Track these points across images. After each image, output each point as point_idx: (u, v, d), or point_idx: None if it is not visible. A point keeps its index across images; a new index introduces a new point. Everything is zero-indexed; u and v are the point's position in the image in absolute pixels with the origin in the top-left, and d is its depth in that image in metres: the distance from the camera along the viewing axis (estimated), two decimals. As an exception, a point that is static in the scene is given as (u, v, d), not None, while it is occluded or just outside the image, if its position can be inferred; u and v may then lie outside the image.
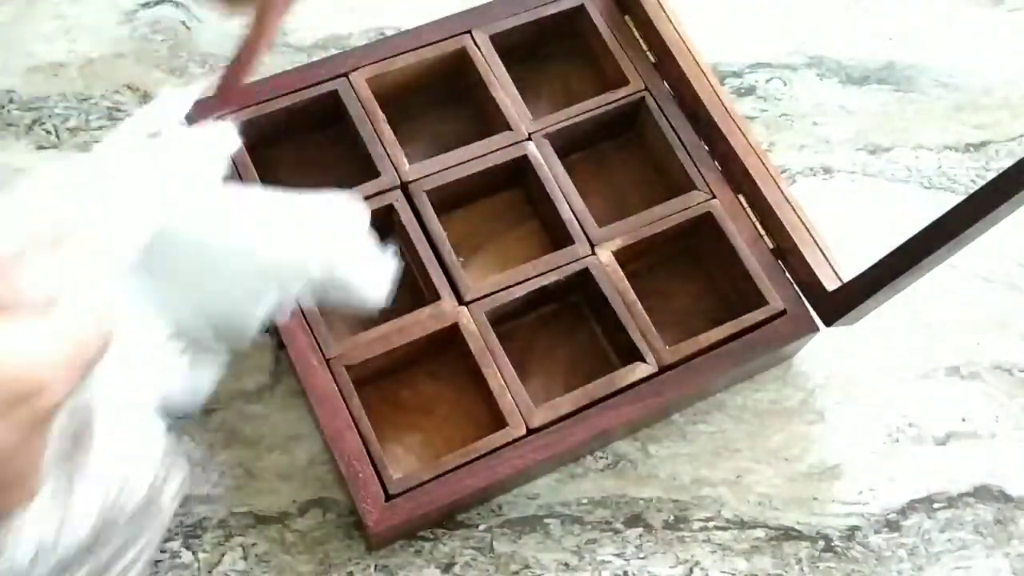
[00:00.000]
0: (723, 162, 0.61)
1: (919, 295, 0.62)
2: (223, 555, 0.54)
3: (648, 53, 0.64)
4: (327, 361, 0.53)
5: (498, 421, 0.53)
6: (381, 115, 0.59)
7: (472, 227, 0.61)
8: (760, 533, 0.57)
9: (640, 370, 0.55)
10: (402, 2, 0.69)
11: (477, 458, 0.52)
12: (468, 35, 0.62)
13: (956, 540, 0.58)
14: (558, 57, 0.66)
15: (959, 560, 0.57)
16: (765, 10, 0.72)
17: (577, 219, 0.58)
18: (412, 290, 0.59)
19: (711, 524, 0.57)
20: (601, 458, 0.58)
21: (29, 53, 0.65)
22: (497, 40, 0.62)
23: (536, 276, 0.57)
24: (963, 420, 0.61)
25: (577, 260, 0.57)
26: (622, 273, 0.57)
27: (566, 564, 0.55)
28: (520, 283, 0.56)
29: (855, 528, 0.58)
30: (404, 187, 0.58)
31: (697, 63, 0.62)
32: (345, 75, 0.60)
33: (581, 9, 0.64)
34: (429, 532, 0.55)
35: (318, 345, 0.54)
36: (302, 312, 0.54)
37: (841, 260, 0.58)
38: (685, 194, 0.60)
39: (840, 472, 0.59)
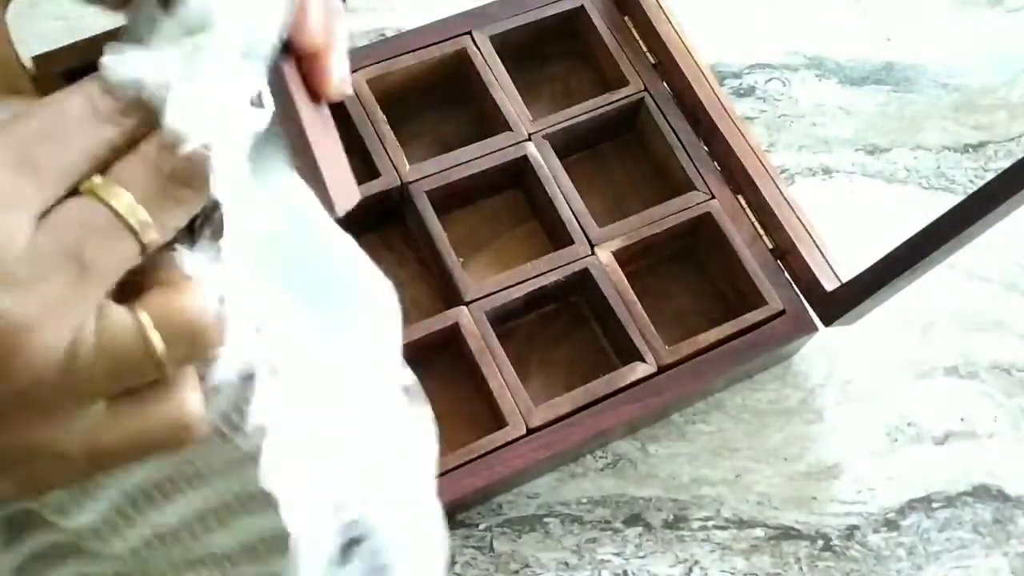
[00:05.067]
0: (722, 163, 0.61)
1: (918, 295, 0.62)
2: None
3: (648, 54, 0.64)
4: (328, 361, 0.53)
5: (498, 421, 0.54)
6: (381, 116, 0.59)
7: (472, 227, 0.61)
8: (759, 532, 0.57)
9: (639, 370, 0.55)
10: (402, 3, 0.69)
11: (477, 458, 0.52)
12: (468, 36, 0.62)
13: (955, 539, 0.58)
14: (558, 58, 0.66)
15: (958, 559, 0.58)
16: (764, 11, 0.73)
17: (577, 219, 0.58)
18: (411, 288, 0.59)
19: (710, 523, 0.57)
20: (601, 458, 0.58)
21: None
22: (497, 41, 0.62)
23: (536, 276, 0.57)
24: (962, 420, 0.61)
25: (577, 260, 0.57)
26: (622, 273, 0.57)
27: (566, 563, 0.55)
28: (520, 283, 0.56)
29: (854, 527, 0.58)
30: (404, 187, 0.58)
31: (696, 64, 0.62)
32: (345, 76, 0.60)
33: (581, 10, 0.64)
34: (429, 531, 0.55)
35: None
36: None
37: (840, 260, 0.58)
38: (684, 194, 0.60)
39: (839, 471, 0.59)
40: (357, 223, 0.62)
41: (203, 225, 0.28)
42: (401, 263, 0.60)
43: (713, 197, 0.60)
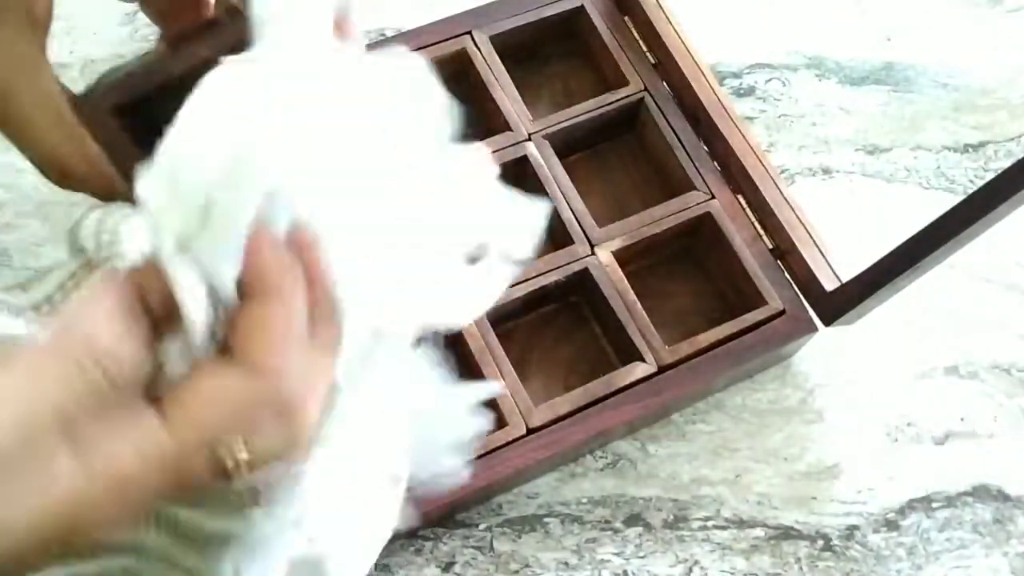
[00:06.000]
0: (722, 162, 0.61)
1: (917, 295, 0.62)
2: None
3: (648, 54, 0.64)
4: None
5: (498, 421, 0.54)
6: (381, 116, 0.59)
7: (472, 227, 0.61)
8: (759, 532, 0.57)
9: (639, 370, 0.55)
10: (402, 2, 0.69)
11: (477, 458, 0.52)
12: (468, 36, 0.62)
13: (955, 539, 0.58)
14: (558, 58, 0.66)
15: (958, 559, 0.58)
16: (764, 11, 0.73)
17: (577, 219, 0.58)
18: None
19: (710, 523, 0.57)
20: (601, 457, 0.58)
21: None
22: (497, 41, 0.62)
23: (536, 276, 0.57)
24: (962, 420, 0.61)
25: (577, 260, 0.57)
26: (622, 273, 0.57)
27: (566, 563, 0.55)
28: (520, 283, 0.57)
29: (854, 527, 0.58)
30: (404, 187, 0.58)
31: (696, 64, 0.62)
32: (345, 76, 0.60)
33: (581, 10, 0.64)
34: (429, 531, 0.55)
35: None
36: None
37: (840, 260, 0.58)
38: (684, 194, 0.60)
39: (839, 471, 0.59)
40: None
41: None
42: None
43: (713, 197, 0.60)
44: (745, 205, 0.60)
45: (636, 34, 0.64)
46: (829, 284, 0.57)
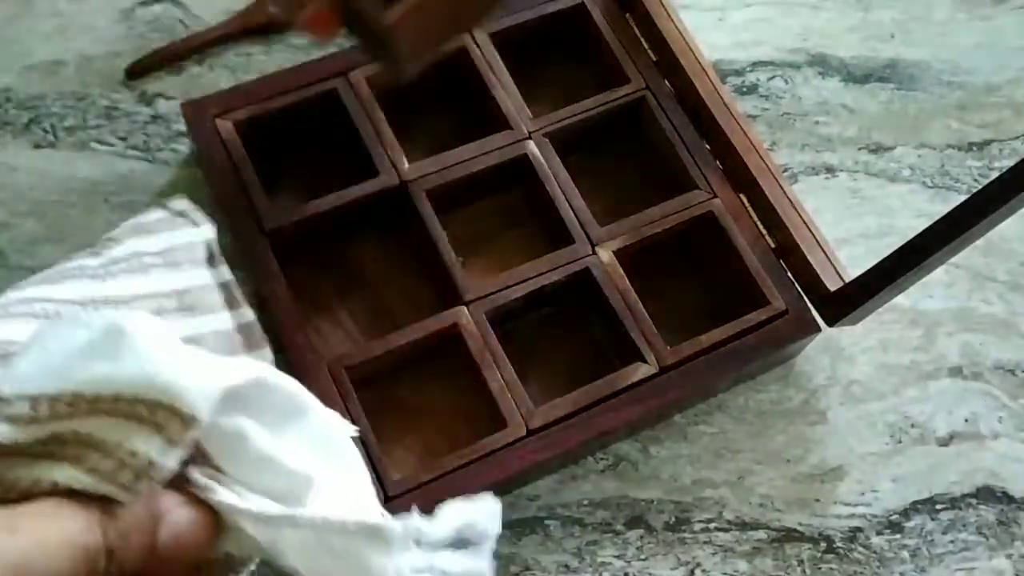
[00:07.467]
0: (724, 161, 0.61)
1: (921, 295, 0.62)
2: (221, 557, 0.53)
3: (649, 51, 0.64)
4: (327, 362, 0.53)
5: (498, 422, 0.53)
6: (381, 114, 0.59)
7: (472, 227, 0.61)
8: (762, 534, 0.57)
9: (641, 371, 0.54)
10: (402, 0, 0.69)
11: (477, 459, 0.52)
12: (468, 34, 0.62)
13: (959, 541, 0.58)
14: (558, 56, 0.66)
15: (962, 561, 0.57)
16: (767, 8, 0.72)
17: (577, 219, 0.58)
18: (411, 288, 0.58)
19: (712, 525, 0.57)
20: (602, 459, 0.58)
21: (26, 51, 0.64)
22: (497, 39, 0.62)
23: (536, 276, 0.56)
24: (966, 421, 0.61)
25: (577, 260, 0.57)
26: (623, 273, 0.57)
27: (567, 566, 0.55)
28: (520, 283, 0.56)
29: (857, 529, 0.57)
30: (404, 186, 0.57)
31: (698, 61, 0.62)
32: (344, 74, 0.60)
33: (581, 8, 0.64)
34: (429, 533, 0.55)
35: (318, 346, 0.53)
36: (299, 312, 0.54)
37: (843, 260, 0.58)
38: (686, 193, 0.60)
39: (842, 473, 0.59)
40: (357, 223, 0.61)
41: None
42: (401, 263, 0.59)
43: (715, 196, 0.60)
44: (747, 204, 0.60)
45: (637, 31, 0.64)
46: (832, 284, 0.56)
